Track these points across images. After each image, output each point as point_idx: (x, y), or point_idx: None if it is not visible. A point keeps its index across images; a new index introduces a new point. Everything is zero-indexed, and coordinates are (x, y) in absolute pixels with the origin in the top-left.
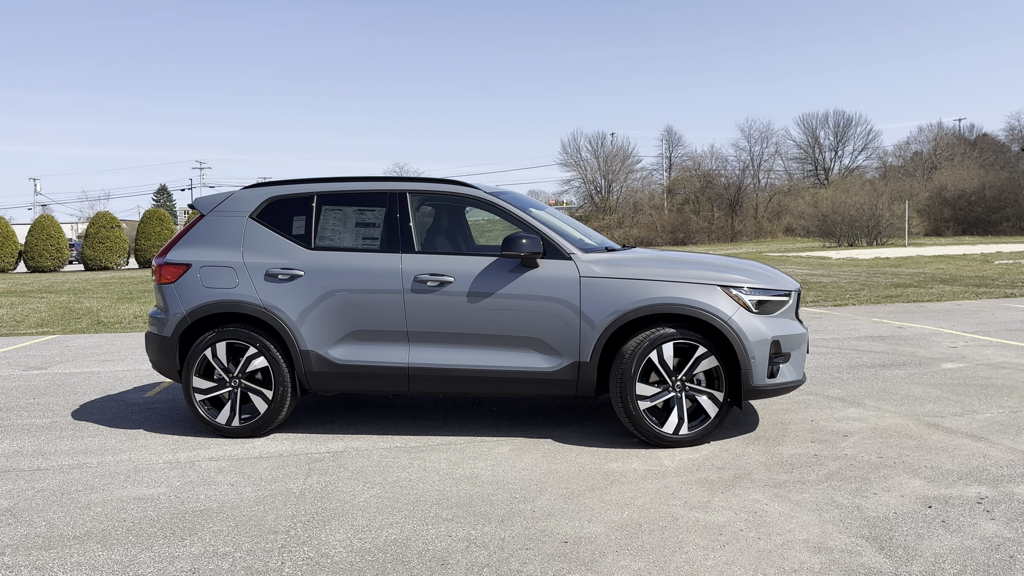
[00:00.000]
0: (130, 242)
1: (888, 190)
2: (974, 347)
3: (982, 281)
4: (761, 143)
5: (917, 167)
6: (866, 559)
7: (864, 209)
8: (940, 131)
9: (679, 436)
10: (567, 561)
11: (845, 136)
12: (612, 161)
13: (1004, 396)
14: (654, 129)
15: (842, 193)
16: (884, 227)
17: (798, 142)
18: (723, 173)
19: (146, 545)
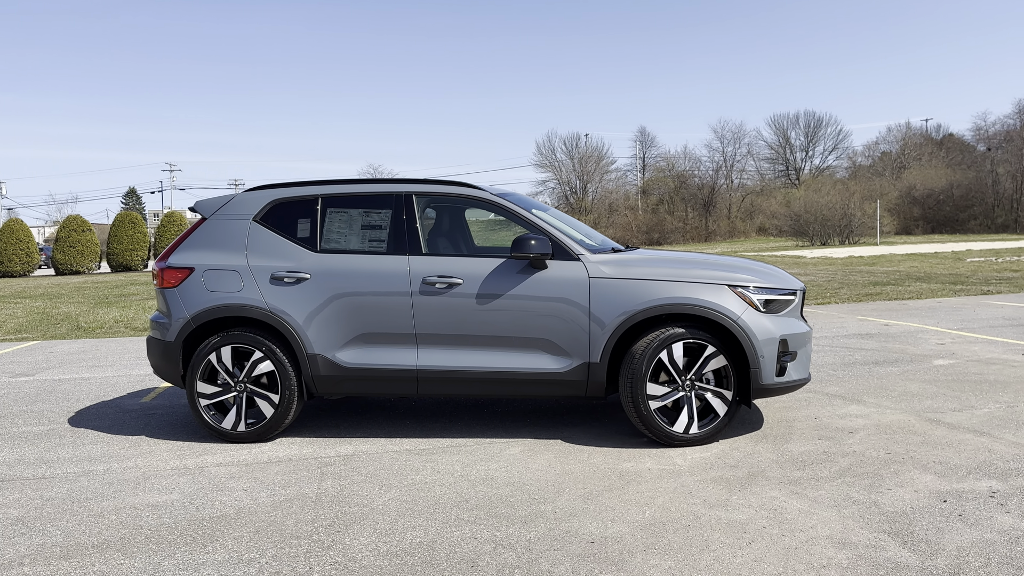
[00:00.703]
0: (101, 246)
1: (859, 189)
2: (961, 344)
3: (957, 279)
4: (734, 144)
5: (886, 167)
6: (891, 554)
7: (836, 208)
8: (908, 131)
9: (689, 435)
10: (596, 561)
11: (815, 136)
12: (587, 162)
13: (998, 392)
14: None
15: (814, 193)
16: (856, 226)
17: (769, 143)
18: (696, 174)
19: (168, 553)
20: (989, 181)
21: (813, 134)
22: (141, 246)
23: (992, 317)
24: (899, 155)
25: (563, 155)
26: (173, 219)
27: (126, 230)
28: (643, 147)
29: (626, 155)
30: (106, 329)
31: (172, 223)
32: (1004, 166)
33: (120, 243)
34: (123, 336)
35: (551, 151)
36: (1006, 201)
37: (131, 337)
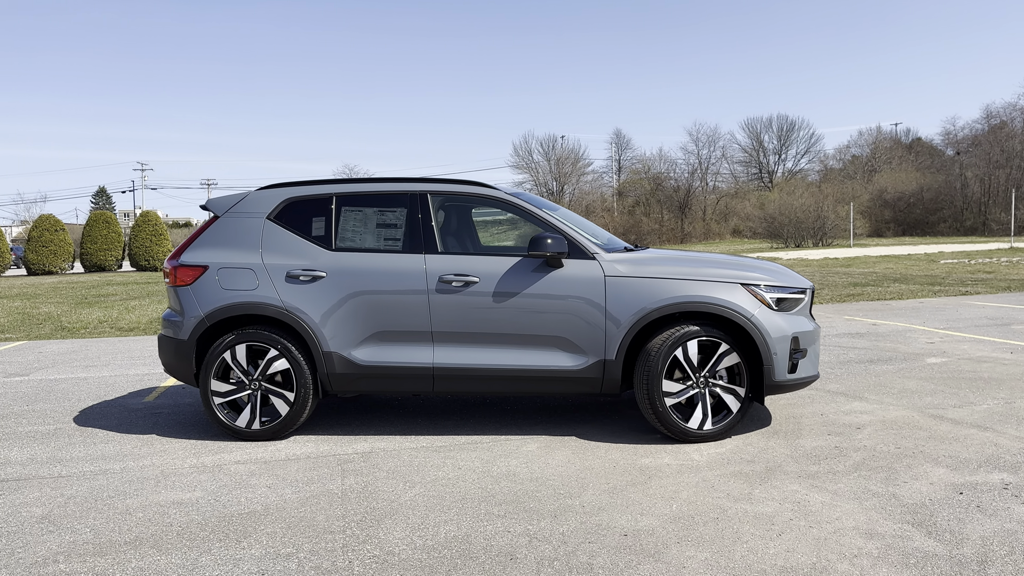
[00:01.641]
0: (74, 246)
1: (832, 192)
2: (950, 343)
3: (934, 280)
4: (709, 146)
5: (857, 170)
6: (918, 543)
7: (809, 211)
8: (879, 135)
9: (704, 431)
10: (633, 553)
11: (788, 140)
12: (563, 163)
13: (994, 388)
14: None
15: (787, 195)
16: (829, 228)
17: (743, 146)
18: (672, 176)
19: (203, 548)
20: (958, 185)
21: (786, 137)
22: (115, 246)
23: (975, 317)
24: (870, 159)
25: (540, 156)
26: (148, 219)
27: (100, 230)
28: (619, 149)
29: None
30: (91, 329)
31: (147, 223)
32: (972, 170)
33: (94, 243)
34: (110, 336)
35: (528, 152)
36: (975, 204)
37: (119, 337)
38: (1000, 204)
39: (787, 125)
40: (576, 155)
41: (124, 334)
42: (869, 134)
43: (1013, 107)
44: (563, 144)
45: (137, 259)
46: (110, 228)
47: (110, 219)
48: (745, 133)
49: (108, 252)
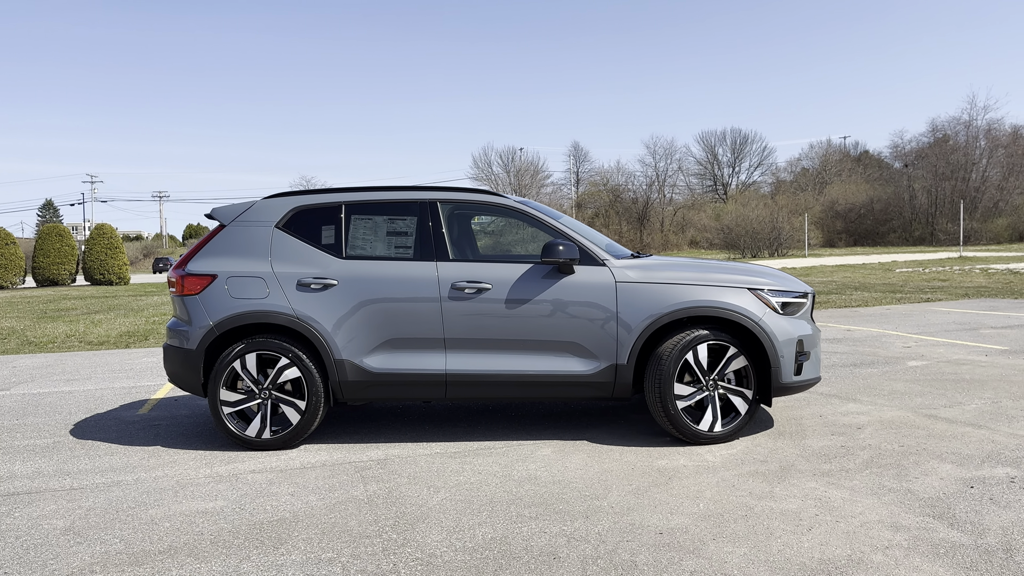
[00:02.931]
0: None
1: (787, 204)
2: (926, 347)
3: (893, 287)
4: (665, 159)
5: (808, 182)
6: (943, 535)
7: (765, 222)
8: (829, 148)
9: (714, 433)
10: (672, 550)
11: (742, 153)
12: (523, 175)
13: (978, 389)
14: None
15: (742, 207)
16: (784, 239)
17: (698, 158)
18: (631, 188)
19: (242, 555)
20: (906, 196)
21: (739, 150)
22: (69, 260)
23: (943, 322)
24: (820, 171)
25: (499, 168)
26: (103, 232)
27: (53, 243)
28: (577, 161)
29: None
30: (59, 344)
31: (102, 236)
32: (920, 182)
33: (47, 256)
34: (80, 351)
35: (487, 164)
36: (922, 215)
37: (92, 351)
38: (946, 215)
39: (740, 138)
40: (535, 167)
41: (95, 348)
42: (819, 147)
43: (957, 121)
44: (522, 156)
45: (92, 273)
46: (63, 241)
47: (63, 232)
48: (700, 146)
49: (61, 266)
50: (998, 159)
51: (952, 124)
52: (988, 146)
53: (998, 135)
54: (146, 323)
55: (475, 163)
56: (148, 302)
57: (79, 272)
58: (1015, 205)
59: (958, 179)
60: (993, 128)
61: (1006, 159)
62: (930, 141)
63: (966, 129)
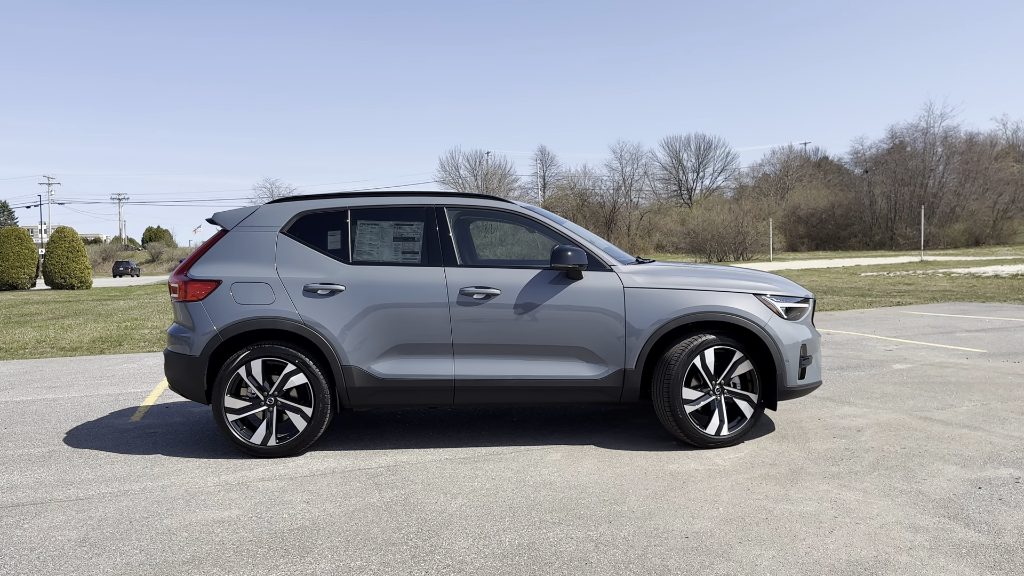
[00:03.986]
0: None
1: (751, 208)
2: (907, 350)
3: (861, 291)
4: (632, 164)
5: (770, 187)
6: (962, 535)
7: (730, 227)
8: (790, 154)
9: (721, 437)
10: (701, 554)
11: (706, 158)
12: (490, 179)
13: (965, 392)
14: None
15: (707, 211)
16: (749, 243)
17: (663, 163)
18: (598, 192)
19: (269, 565)
20: (867, 202)
21: (704, 156)
22: (28, 263)
23: (918, 325)
24: (782, 176)
25: (467, 172)
26: (65, 235)
27: (12, 246)
28: (543, 165)
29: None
30: (30, 350)
31: (64, 239)
32: (880, 187)
33: (5, 260)
34: (53, 357)
35: (455, 168)
36: (882, 220)
37: (66, 358)
38: (905, 220)
39: (704, 144)
40: (503, 171)
41: (69, 354)
42: (781, 153)
43: (915, 128)
44: (489, 160)
45: (53, 277)
46: (23, 244)
47: (23, 235)
48: (665, 151)
49: (20, 269)
50: (954, 166)
51: (910, 131)
52: (945, 153)
53: (954, 142)
54: (118, 329)
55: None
56: (115, 307)
57: (39, 276)
58: (971, 211)
59: (916, 185)
60: (950, 135)
61: (962, 166)
62: (889, 147)
63: (924, 136)
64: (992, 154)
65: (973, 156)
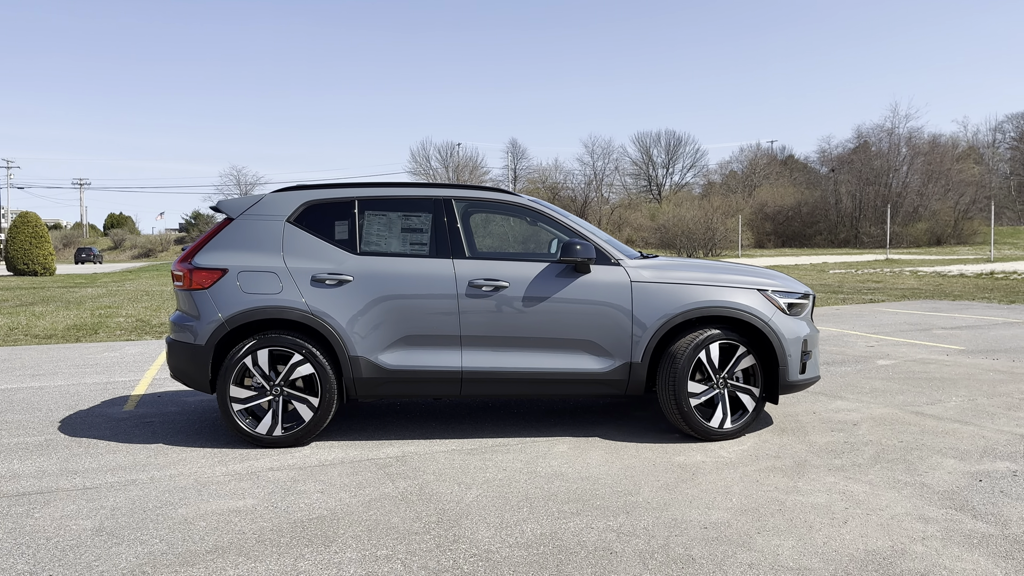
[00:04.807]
0: None
1: (721, 205)
2: (888, 346)
3: (832, 288)
4: (603, 158)
5: (738, 185)
6: (971, 526)
7: (700, 223)
8: (758, 152)
9: (724, 430)
10: (723, 544)
11: (676, 154)
12: (461, 171)
13: (951, 387)
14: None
15: (676, 207)
16: (718, 239)
17: (634, 159)
18: (569, 186)
19: (295, 554)
20: (832, 200)
21: (673, 152)
22: None
23: (895, 322)
24: (749, 174)
25: (438, 163)
26: (28, 220)
27: None
28: (515, 158)
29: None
30: (3, 337)
31: (27, 224)
32: (845, 186)
33: None
34: (29, 344)
35: (426, 159)
36: (847, 218)
37: (43, 345)
38: (870, 218)
39: (674, 140)
40: (474, 163)
41: (44, 342)
42: (750, 150)
43: (881, 128)
44: (461, 152)
45: (15, 263)
46: None
47: None
48: (636, 147)
49: None
50: (918, 167)
51: (876, 131)
52: (909, 153)
53: (918, 143)
54: (92, 317)
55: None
56: (84, 294)
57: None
58: (933, 210)
59: (881, 184)
60: (914, 136)
61: (925, 167)
62: (855, 147)
63: (889, 136)
64: (954, 155)
65: (936, 157)
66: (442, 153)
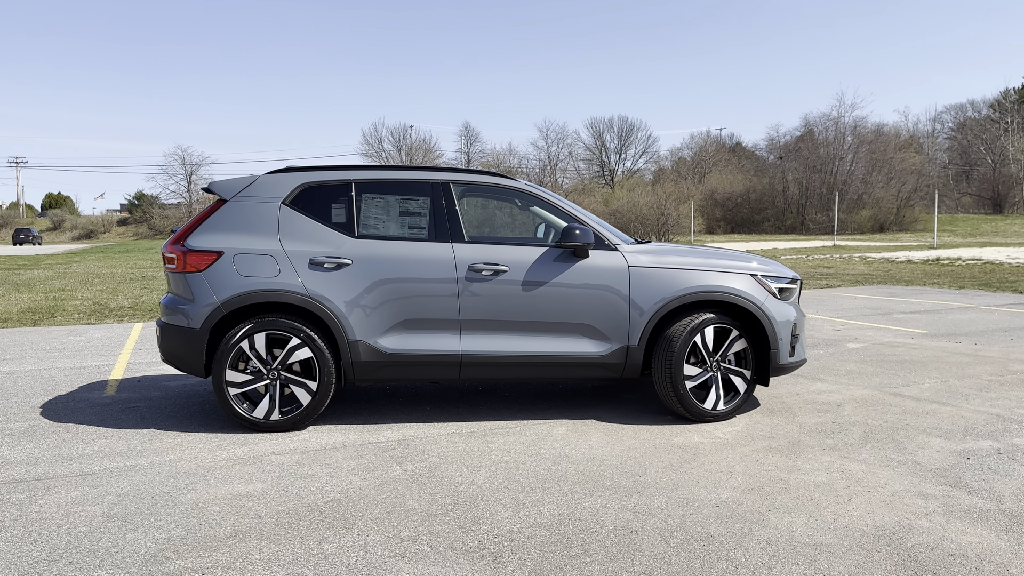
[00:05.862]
0: None
1: (673, 192)
2: (854, 330)
3: None
4: (558, 143)
5: (688, 171)
6: (968, 501)
7: (653, 208)
8: (708, 139)
9: (717, 412)
10: (738, 521)
11: (628, 140)
12: (414, 154)
13: (921, 370)
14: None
15: (629, 192)
16: (671, 225)
17: (587, 144)
18: (523, 171)
19: (319, 537)
20: (780, 187)
21: (626, 138)
22: None
23: (855, 307)
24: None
25: (391, 145)
26: None
27: None
28: (468, 142)
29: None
30: None
31: None
32: (792, 174)
33: None
34: None
35: (378, 140)
36: (794, 205)
37: (2, 329)
38: (815, 205)
39: (627, 126)
40: (427, 145)
41: (4, 326)
42: (700, 137)
43: (827, 117)
44: (414, 134)
45: None
46: None
47: None
48: (589, 132)
49: None
50: (862, 155)
51: (822, 120)
52: (854, 142)
53: (863, 132)
54: (46, 300)
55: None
56: (31, 277)
57: None
58: (877, 198)
59: (827, 172)
60: (859, 125)
61: (869, 155)
62: (801, 134)
63: (835, 125)
64: (896, 144)
65: (880, 146)
66: (395, 135)
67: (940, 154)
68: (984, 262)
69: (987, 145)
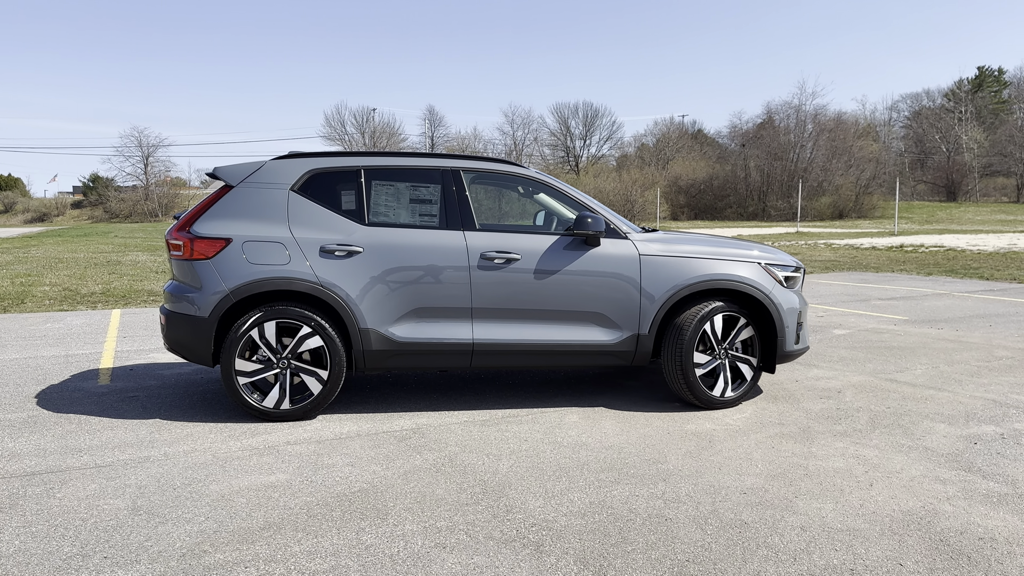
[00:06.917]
0: None
1: (640, 178)
2: (837, 316)
3: None
4: (523, 128)
5: (651, 158)
6: (984, 485)
7: (619, 195)
8: (671, 125)
9: (725, 399)
10: (768, 508)
11: (593, 126)
12: (378, 137)
13: (910, 356)
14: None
15: (595, 178)
16: (637, 211)
17: (552, 130)
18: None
19: (355, 527)
20: (742, 174)
21: (591, 124)
22: None
23: (833, 294)
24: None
25: (353, 129)
26: None
27: None
28: (432, 126)
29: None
30: None
31: None
32: (754, 161)
33: None
34: None
35: (341, 123)
36: (756, 192)
37: None
38: (776, 192)
39: (592, 112)
40: (391, 129)
41: None
42: (663, 124)
43: (788, 105)
44: (377, 117)
45: None
46: None
47: None
48: (554, 117)
49: None
50: (823, 143)
51: (784, 108)
52: (815, 130)
53: (823, 120)
54: (12, 285)
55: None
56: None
57: None
58: (836, 185)
59: (788, 160)
60: (819, 114)
61: (829, 143)
62: (763, 122)
63: (796, 113)
64: (855, 132)
65: (839, 134)
66: (358, 118)
67: (896, 142)
68: (947, 249)
69: (942, 134)
